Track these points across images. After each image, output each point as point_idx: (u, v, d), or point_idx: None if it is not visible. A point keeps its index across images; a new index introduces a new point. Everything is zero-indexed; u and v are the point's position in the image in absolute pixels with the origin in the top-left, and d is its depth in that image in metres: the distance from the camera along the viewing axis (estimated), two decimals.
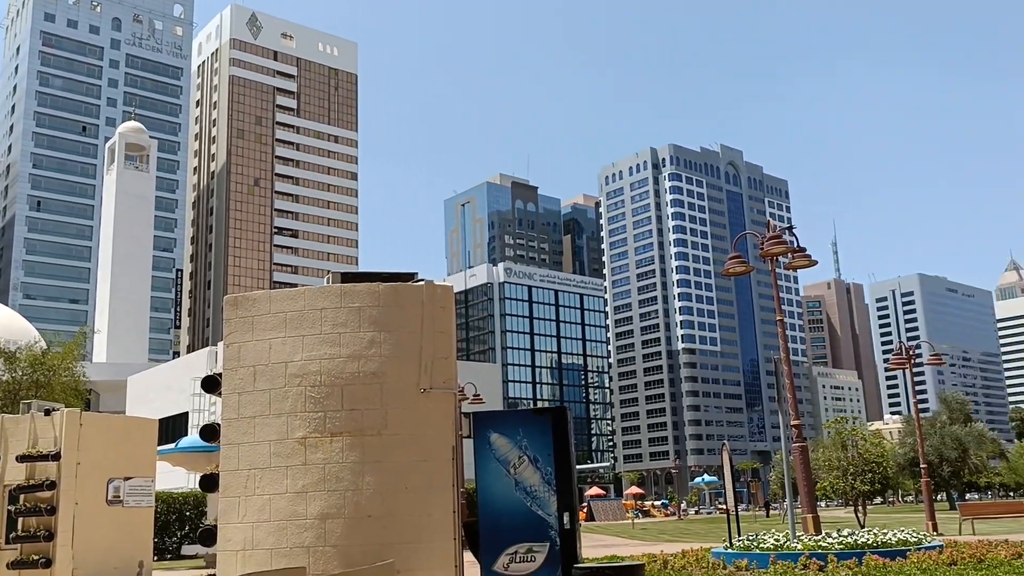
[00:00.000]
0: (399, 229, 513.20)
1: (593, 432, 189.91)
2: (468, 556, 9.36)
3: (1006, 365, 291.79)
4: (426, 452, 9.22)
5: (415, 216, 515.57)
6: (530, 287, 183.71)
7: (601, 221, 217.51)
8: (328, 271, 10.57)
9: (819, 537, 16.39)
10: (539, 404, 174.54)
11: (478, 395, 40.80)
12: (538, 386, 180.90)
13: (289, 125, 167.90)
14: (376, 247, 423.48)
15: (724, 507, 23.15)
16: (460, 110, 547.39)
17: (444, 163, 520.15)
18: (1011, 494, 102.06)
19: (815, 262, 17.82)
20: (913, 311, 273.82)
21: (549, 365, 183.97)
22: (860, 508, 32.75)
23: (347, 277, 9.84)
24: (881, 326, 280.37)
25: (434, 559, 9.00)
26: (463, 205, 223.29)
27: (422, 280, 9.82)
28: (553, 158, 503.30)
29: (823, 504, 77.97)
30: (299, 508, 9.08)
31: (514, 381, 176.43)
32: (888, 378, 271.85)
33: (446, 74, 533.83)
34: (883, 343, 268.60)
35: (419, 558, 8.94)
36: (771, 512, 71.84)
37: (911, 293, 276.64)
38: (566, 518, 9.31)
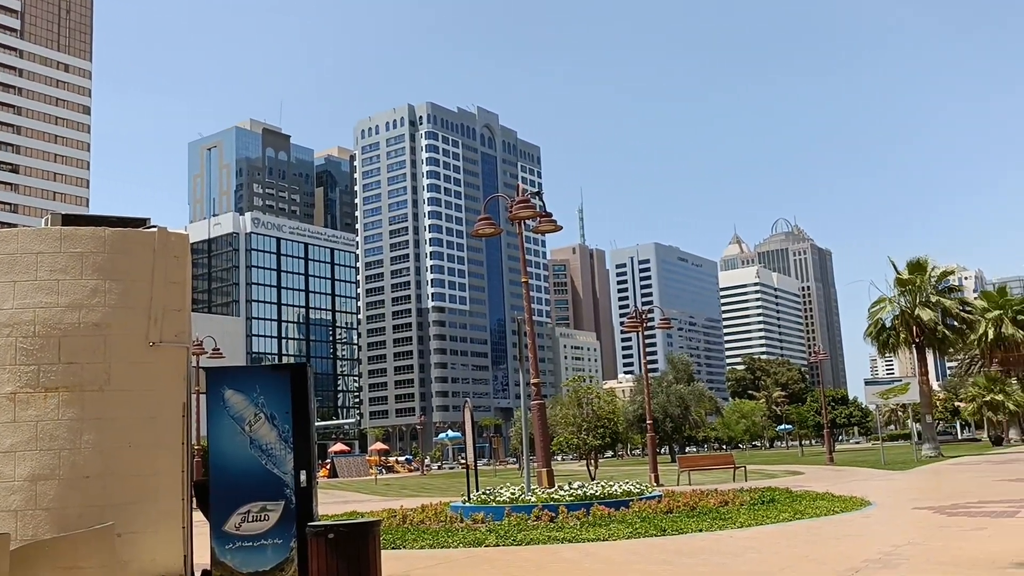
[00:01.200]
0: (138, 171, 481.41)
1: (340, 388, 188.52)
2: (199, 516, 8.95)
3: (726, 330, 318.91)
4: (154, 409, 8.68)
5: (157, 158, 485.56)
6: (279, 239, 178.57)
7: (355, 175, 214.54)
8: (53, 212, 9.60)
9: (552, 490, 17.15)
10: (285, 359, 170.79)
11: (217, 349, 39.13)
12: (284, 341, 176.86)
13: (10, 48, 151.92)
14: (111, 189, 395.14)
15: (465, 463, 23.73)
16: (210, 47, 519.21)
17: (190, 103, 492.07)
18: (724, 447, 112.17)
19: (560, 227, 18.45)
20: (648, 278, 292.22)
21: (296, 320, 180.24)
22: (592, 462, 34.64)
23: (69, 219, 9.01)
24: (619, 291, 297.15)
25: (160, 520, 8.54)
26: (209, 149, 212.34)
27: (155, 227, 9.17)
28: (308, 107, 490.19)
29: (559, 458, 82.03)
30: (6, 469, 8.28)
31: (259, 335, 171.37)
32: (623, 340, 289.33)
33: (198, 6, 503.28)
34: (621, 307, 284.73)
35: (143, 519, 8.45)
36: (510, 466, 74.64)
37: (647, 261, 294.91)
38: (303, 476, 9.11)
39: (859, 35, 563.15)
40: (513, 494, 16.88)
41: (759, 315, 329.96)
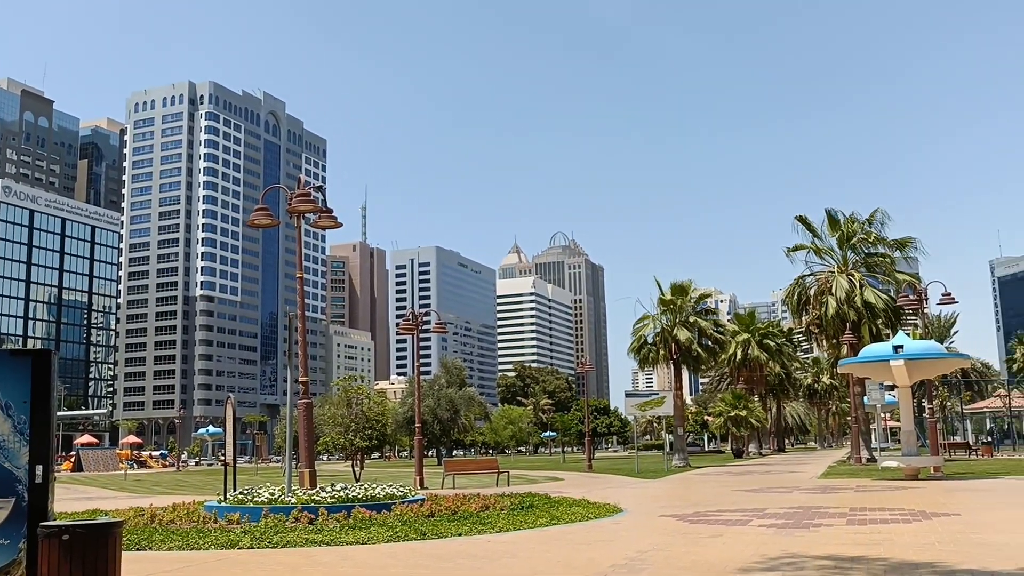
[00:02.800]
0: None
1: (92, 376, 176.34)
2: None
3: (500, 337, 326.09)
4: None
5: None
6: (32, 211, 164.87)
7: (125, 150, 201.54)
8: None
9: (314, 491, 16.78)
10: (32, 343, 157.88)
11: None
12: (32, 323, 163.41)
13: None
14: None
15: (224, 460, 22.77)
16: None
17: None
18: (491, 452, 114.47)
19: (340, 224, 18.12)
20: (428, 280, 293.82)
21: (48, 300, 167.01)
22: (358, 463, 34.27)
23: None
24: (398, 292, 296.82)
25: None
26: None
27: None
28: (77, 72, 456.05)
29: (326, 458, 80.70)
30: None
31: (3, 315, 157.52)
32: (399, 341, 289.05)
33: None
34: (398, 308, 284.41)
35: None
36: (273, 464, 72.62)
37: (428, 264, 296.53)
38: (39, 471, 8.36)
39: (637, 52, 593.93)
40: (272, 494, 16.37)
41: (533, 324, 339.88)
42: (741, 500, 20.80)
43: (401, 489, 17.75)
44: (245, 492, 17.14)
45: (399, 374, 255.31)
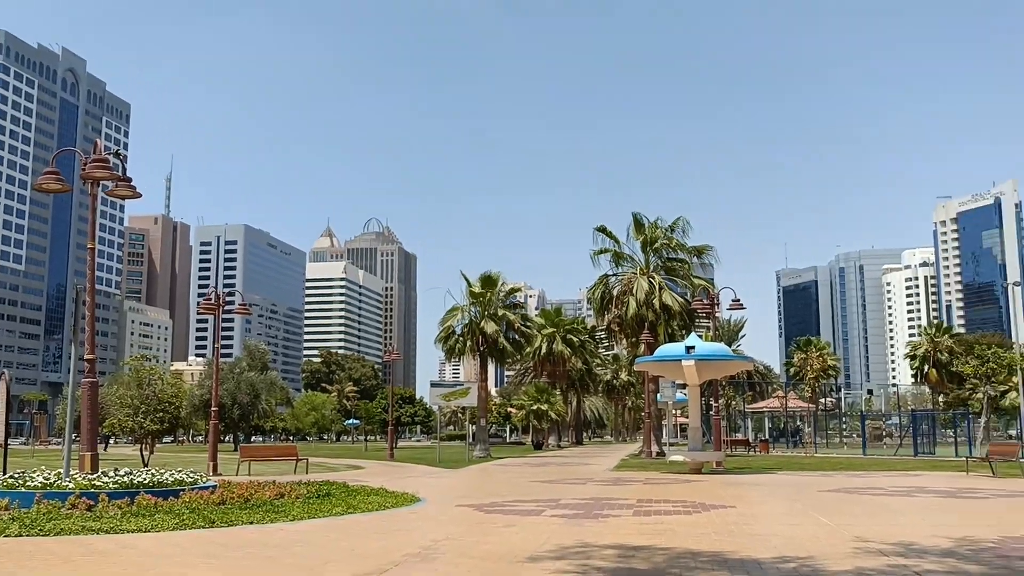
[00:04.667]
0: None
1: None
2: None
3: (307, 321, 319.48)
4: None
5: None
6: None
7: None
8: None
9: (95, 476, 15.84)
10: None
11: None
12: None
13: None
14: None
15: None
16: None
17: None
18: (291, 438, 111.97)
19: (139, 195, 17.16)
20: (234, 259, 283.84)
21: None
22: (147, 447, 32.67)
23: None
24: (201, 270, 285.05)
25: None
26: None
27: None
28: None
29: (114, 441, 76.41)
30: None
31: None
32: (199, 321, 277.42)
33: None
34: (200, 286, 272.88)
35: None
36: (53, 447, 68.15)
37: (235, 242, 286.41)
38: None
39: (460, 38, 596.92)
40: (47, 479, 15.32)
41: (342, 310, 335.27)
42: (537, 491, 21.33)
43: (192, 475, 17.05)
44: (16, 476, 15.97)
45: (198, 355, 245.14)
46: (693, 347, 30.87)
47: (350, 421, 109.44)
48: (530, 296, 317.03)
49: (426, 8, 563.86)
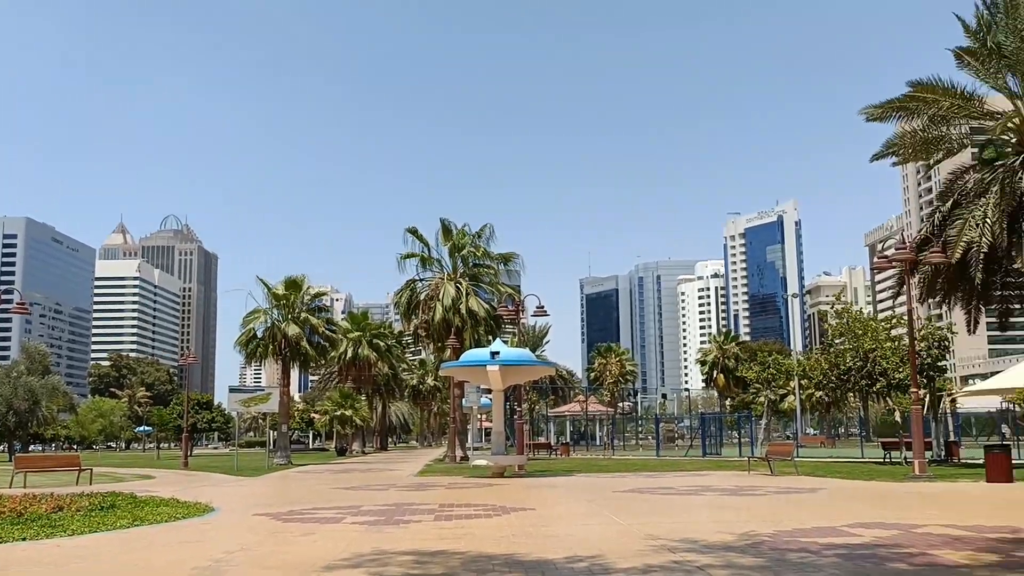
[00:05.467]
0: None
1: None
2: None
3: (96, 322, 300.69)
4: None
5: None
6: None
7: None
8: None
9: None
10: None
11: None
12: None
13: None
14: None
15: None
16: None
17: None
18: (76, 447, 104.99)
19: None
20: (13, 254, 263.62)
21: None
22: None
23: None
24: None
25: None
26: None
27: None
28: None
29: None
30: None
31: None
32: None
33: None
34: None
35: None
36: None
37: (15, 236, 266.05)
38: None
39: (268, 38, 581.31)
40: None
41: (135, 311, 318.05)
42: (338, 498, 20.99)
43: None
44: None
45: None
46: (498, 352, 31.36)
47: (141, 428, 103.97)
48: (337, 299, 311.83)
49: (223, 3, 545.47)
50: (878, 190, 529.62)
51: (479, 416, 63.13)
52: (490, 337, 45.57)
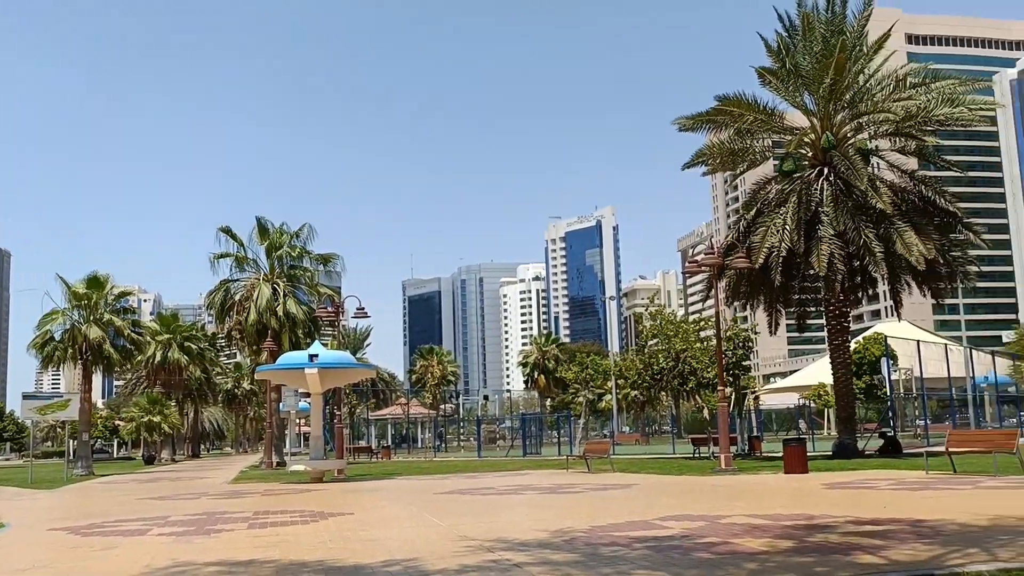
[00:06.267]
0: None
1: None
2: None
3: None
4: None
5: None
6: None
7: None
8: None
9: None
10: None
11: None
12: None
13: None
14: None
15: None
16: None
17: None
18: None
19: None
20: None
21: None
22: None
23: None
24: None
25: None
26: None
27: None
28: None
29: None
30: None
31: None
32: None
33: None
34: None
35: None
36: None
37: None
38: None
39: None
40: None
41: None
42: (145, 508, 19.91)
43: None
44: None
45: None
46: (316, 355, 30.71)
47: None
48: (145, 300, 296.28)
49: None
50: (691, 198, 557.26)
51: (297, 420, 61.66)
52: (308, 339, 44.64)
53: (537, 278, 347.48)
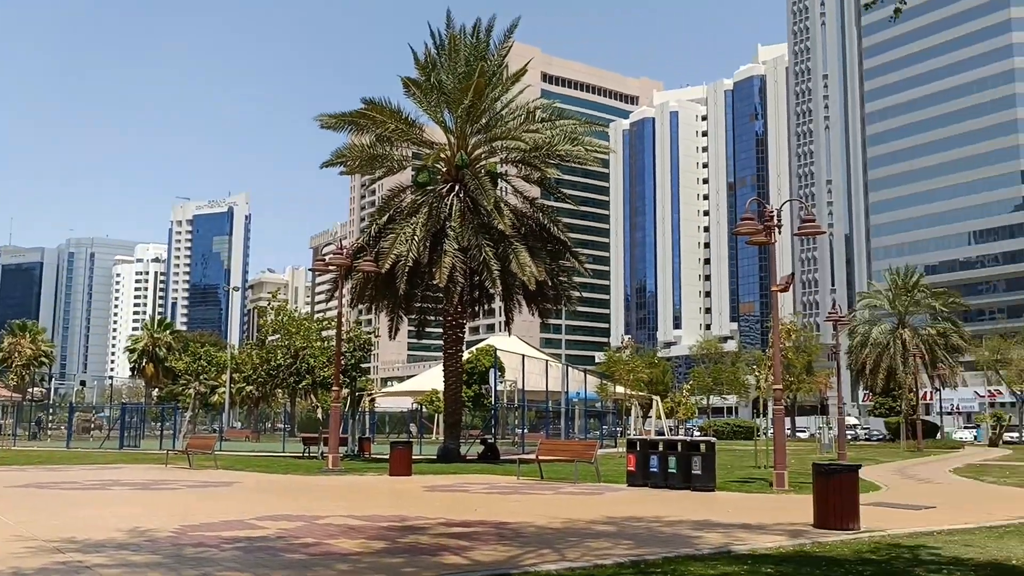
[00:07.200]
0: None
1: None
2: None
3: None
4: None
5: None
6: None
7: None
8: None
9: None
10: None
11: None
12: None
13: None
14: None
15: None
16: None
17: None
18: None
19: None
20: None
21: None
22: None
23: None
24: None
25: None
26: None
27: None
28: None
29: None
30: None
31: None
32: None
33: None
34: None
35: None
36: None
37: None
38: None
39: None
40: None
41: None
42: None
43: None
44: None
45: None
46: None
47: None
48: None
49: None
50: (330, 196, 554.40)
51: None
52: None
53: (157, 259, 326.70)
